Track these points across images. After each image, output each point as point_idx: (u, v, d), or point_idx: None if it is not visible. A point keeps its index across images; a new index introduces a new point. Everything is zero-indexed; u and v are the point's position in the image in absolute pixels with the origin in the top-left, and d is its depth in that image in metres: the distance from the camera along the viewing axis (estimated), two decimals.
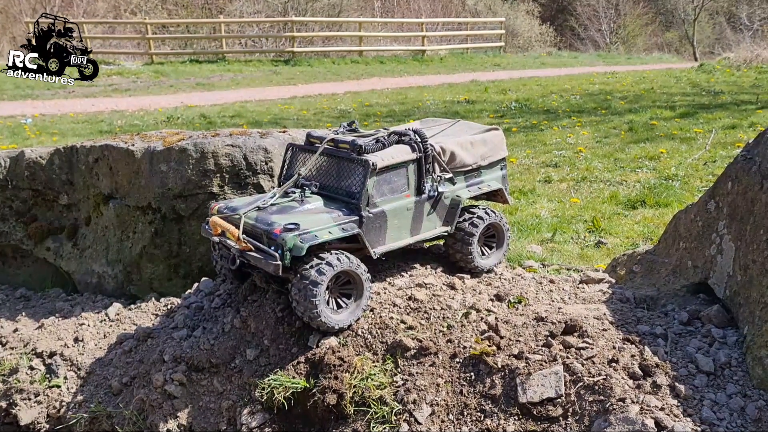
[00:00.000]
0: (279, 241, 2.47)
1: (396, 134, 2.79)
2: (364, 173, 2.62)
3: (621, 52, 27.27)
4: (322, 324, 2.54)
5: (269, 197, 2.71)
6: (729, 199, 2.53)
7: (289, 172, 2.90)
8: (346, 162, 2.71)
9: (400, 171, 2.73)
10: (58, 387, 2.98)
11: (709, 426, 2.05)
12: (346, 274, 2.56)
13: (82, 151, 3.62)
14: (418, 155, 2.75)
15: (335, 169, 2.75)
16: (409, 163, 2.74)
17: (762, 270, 2.22)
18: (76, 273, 3.71)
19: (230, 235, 2.58)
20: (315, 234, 2.51)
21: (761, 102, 10.97)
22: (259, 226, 2.56)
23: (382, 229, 2.70)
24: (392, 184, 2.72)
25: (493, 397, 2.32)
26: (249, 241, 2.55)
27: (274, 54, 21.54)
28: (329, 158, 2.78)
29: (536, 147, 8.87)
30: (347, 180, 2.69)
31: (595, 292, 2.91)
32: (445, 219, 2.89)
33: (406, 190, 2.76)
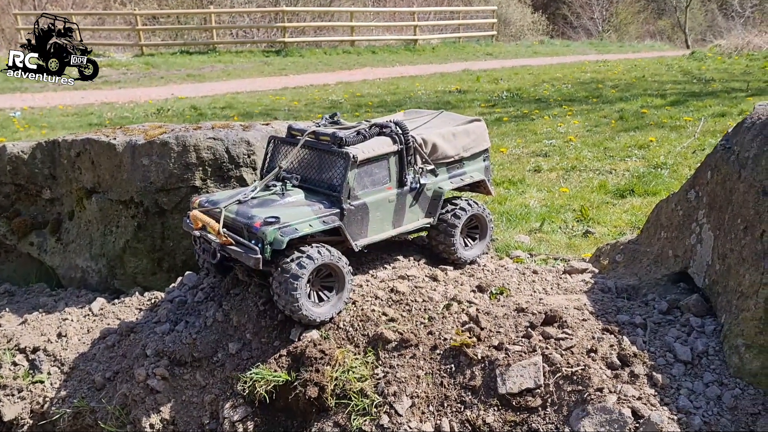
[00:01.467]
0: (259, 235, 2.46)
1: (377, 126, 2.77)
2: (345, 165, 2.61)
3: (613, 40, 27.24)
4: (303, 317, 2.54)
5: (250, 191, 2.70)
6: (708, 189, 2.53)
7: (271, 164, 2.89)
8: (327, 154, 2.70)
9: (382, 163, 2.72)
10: (42, 382, 2.97)
11: (685, 414, 2.06)
12: (327, 267, 2.55)
13: (64, 145, 3.60)
14: (399, 147, 2.74)
15: (316, 162, 2.74)
16: (391, 155, 2.74)
17: (739, 259, 2.23)
18: (60, 268, 3.70)
19: (210, 229, 2.57)
20: (295, 227, 2.50)
21: (751, 89, 10.98)
22: (240, 220, 2.55)
23: (363, 221, 2.69)
24: (374, 176, 2.71)
25: (473, 389, 2.33)
26: (229, 235, 2.54)
27: (266, 44, 21.43)
28: (310, 151, 2.77)
29: (527, 136, 8.86)
30: (328, 172, 2.68)
31: (578, 282, 2.92)
32: (428, 211, 2.89)
33: (388, 183, 2.75)
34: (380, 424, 2.32)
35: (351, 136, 2.68)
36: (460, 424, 2.27)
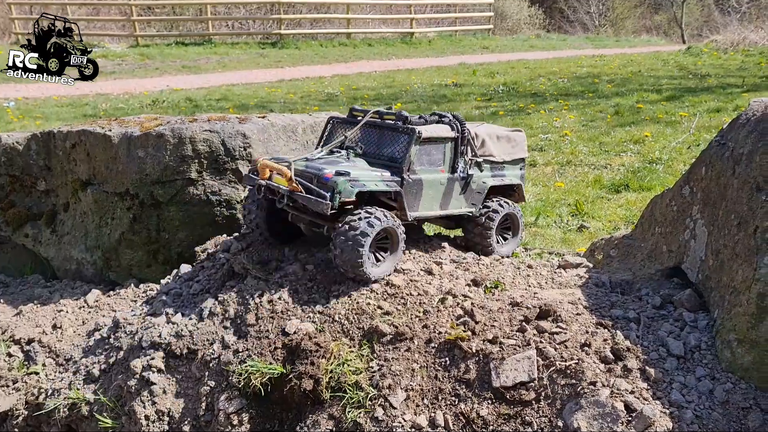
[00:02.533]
0: (330, 184, 2.59)
1: (437, 114, 3.00)
2: (409, 141, 2.79)
3: (610, 35, 27.23)
4: (362, 274, 2.67)
5: (316, 153, 2.88)
6: (703, 185, 2.55)
7: (327, 142, 3.04)
8: (390, 131, 2.89)
9: (439, 146, 2.91)
10: (37, 374, 2.98)
11: (677, 408, 2.08)
12: (385, 231, 2.68)
13: (59, 137, 3.59)
14: (455, 135, 2.94)
15: (377, 138, 2.93)
16: (448, 140, 2.92)
17: (732, 254, 2.24)
18: (55, 259, 3.70)
19: (283, 175, 2.69)
20: (364, 183, 2.66)
21: (747, 85, 11.01)
22: (310, 171, 2.69)
23: (417, 196, 2.86)
24: (431, 156, 2.89)
25: (467, 382, 2.34)
26: (300, 182, 2.66)
27: (261, 36, 21.33)
28: (372, 129, 2.95)
29: (523, 130, 8.82)
30: (390, 147, 2.86)
31: (572, 277, 2.93)
32: (472, 201, 3.07)
33: (442, 166, 2.93)
34: (375, 417, 2.33)
35: (414, 118, 2.89)
36: (454, 416, 2.28)
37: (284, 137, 3.49)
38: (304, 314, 2.70)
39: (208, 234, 3.31)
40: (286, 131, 3.50)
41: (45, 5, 20.63)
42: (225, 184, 3.26)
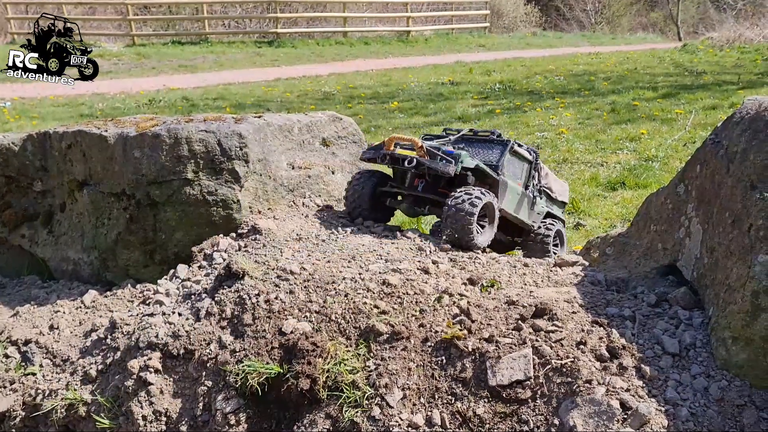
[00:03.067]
0: (454, 155, 3.10)
1: (517, 143, 3.48)
2: (503, 150, 3.32)
3: (606, 33, 27.26)
4: (470, 241, 3.09)
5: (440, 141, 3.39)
6: (697, 183, 2.56)
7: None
8: (485, 143, 3.39)
9: (521, 163, 3.46)
10: (34, 375, 2.97)
11: (672, 406, 2.09)
12: (485, 207, 3.13)
13: (55, 137, 3.59)
14: (532, 159, 3.51)
15: (475, 148, 3.39)
16: (526, 161, 3.49)
17: (727, 252, 2.25)
18: (52, 260, 3.70)
19: (413, 144, 3.17)
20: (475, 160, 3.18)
21: (743, 82, 11.03)
22: (433, 147, 3.16)
23: (503, 193, 3.33)
24: (515, 168, 3.42)
25: (463, 381, 2.35)
26: (428, 150, 3.13)
27: (258, 35, 21.31)
28: (468, 142, 3.43)
29: (519, 129, 8.88)
30: (486, 154, 3.36)
31: (568, 275, 2.94)
32: (533, 219, 3.64)
33: (520, 180, 3.47)
34: (372, 416, 2.34)
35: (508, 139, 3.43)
36: (450, 415, 2.29)
37: (280, 137, 3.49)
38: (301, 314, 2.70)
39: (205, 234, 3.32)
40: (282, 131, 3.50)
41: (41, 5, 20.58)
42: (221, 184, 3.26)
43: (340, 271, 2.90)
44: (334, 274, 2.86)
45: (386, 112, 10.31)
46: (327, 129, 3.71)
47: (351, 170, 3.82)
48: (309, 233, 3.32)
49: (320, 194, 3.64)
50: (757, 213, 2.11)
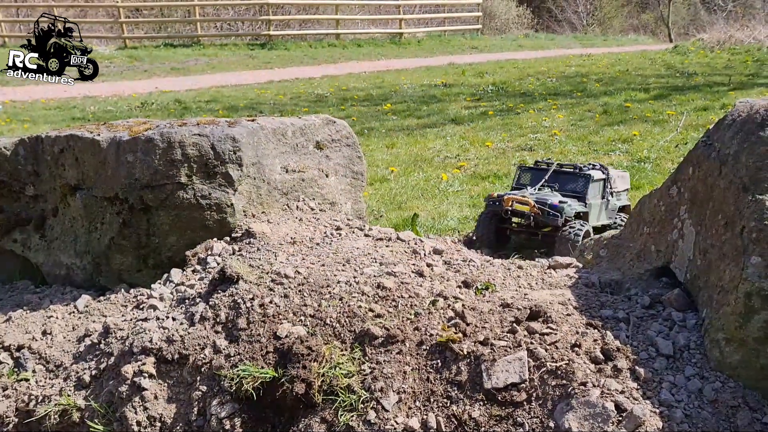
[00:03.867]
0: (558, 209, 4.24)
1: (591, 164, 4.65)
2: (586, 182, 4.46)
3: (597, 34, 27.38)
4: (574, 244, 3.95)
5: (530, 191, 4.50)
6: (690, 185, 2.57)
7: (519, 182, 4.71)
8: (570, 176, 4.55)
9: (598, 184, 4.53)
10: (27, 380, 2.96)
11: (667, 408, 2.10)
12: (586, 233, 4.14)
13: (47, 141, 3.57)
14: (604, 177, 4.57)
15: (562, 180, 4.56)
16: (601, 180, 4.55)
17: (720, 254, 2.26)
18: (45, 265, 3.68)
19: (527, 204, 4.29)
20: (574, 208, 4.31)
21: (733, 83, 11.09)
22: (540, 201, 4.30)
23: (590, 215, 4.43)
24: (594, 191, 4.50)
25: (459, 384, 2.35)
26: (540, 208, 4.27)
27: (250, 37, 21.28)
28: (556, 174, 4.60)
29: (512, 130, 8.90)
30: (573, 185, 4.52)
31: (562, 277, 2.95)
32: (609, 216, 4.66)
33: (598, 196, 4.55)
34: (367, 420, 2.34)
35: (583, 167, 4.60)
36: (446, 418, 2.29)
37: (274, 140, 3.49)
38: (296, 318, 2.70)
39: (199, 238, 3.31)
40: (276, 134, 3.50)
41: (32, 7, 20.49)
42: (215, 188, 3.25)
43: (335, 274, 2.89)
44: (329, 278, 2.85)
45: (379, 114, 10.32)
46: (320, 132, 3.70)
47: (345, 173, 3.82)
48: (303, 237, 3.31)
49: (314, 198, 3.64)
50: (750, 215, 2.13)
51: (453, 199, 5.77)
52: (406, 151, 7.92)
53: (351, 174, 3.87)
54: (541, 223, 4.29)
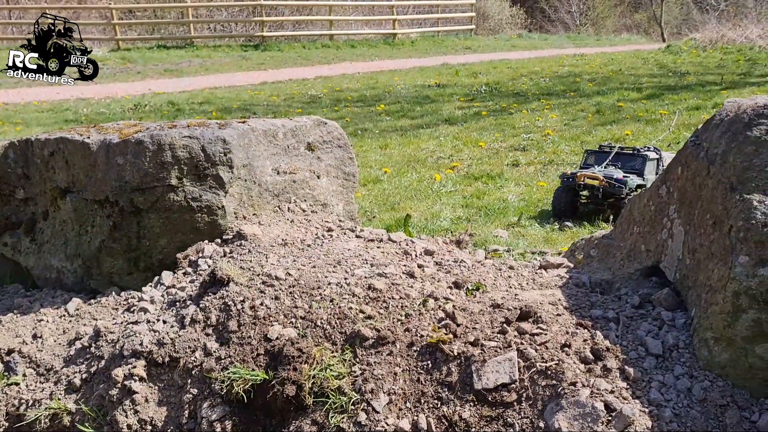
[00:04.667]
0: (623, 181, 5.00)
1: (647, 147, 5.44)
2: (643, 160, 5.25)
3: (590, 34, 27.45)
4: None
5: (597, 169, 5.23)
6: (679, 185, 2.58)
7: (586, 162, 5.46)
8: (630, 156, 5.36)
9: (653, 162, 5.27)
10: (17, 385, 2.94)
11: (656, 407, 2.10)
12: None
13: (37, 144, 3.55)
14: (658, 157, 5.29)
15: (623, 160, 5.34)
16: (656, 160, 5.28)
17: (708, 253, 2.27)
18: (35, 268, 3.66)
19: (596, 179, 5.04)
20: (634, 181, 5.05)
21: (726, 83, 11.13)
22: (609, 176, 5.06)
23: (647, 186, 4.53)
24: (650, 168, 5.22)
25: (449, 385, 2.35)
26: (607, 181, 5.01)
27: (244, 39, 21.25)
28: (617, 155, 5.37)
29: (505, 130, 8.91)
30: (632, 163, 5.30)
31: (553, 277, 2.95)
32: None
33: (654, 172, 5.20)
34: (358, 422, 2.34)
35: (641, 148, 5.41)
36: (436, 419, 2.29)
37: (265, 142, 3.48)
38: (287, 320, 2.70)
39: (190, 241, 3.30)
40: (266, 136, 3.49)
41: (24, 9, 20.42)
42: (206, 190, 3.25)
43: (326, 276, 2.89)
44: (320, 280, 2.85)
45: (373, 114, 10.31)
46: (312, 133, 3.70)
47: (336, 174, 3.82)
48: (294, 238, 3.31)
49: (306, 199, 3.63)
50: (737, 214, 2.13)
51: (446, 199, 5.78)
52: (400, 151, 7.92)
53: (343, 175, 3.87)
54: (609, 193, 5.03)
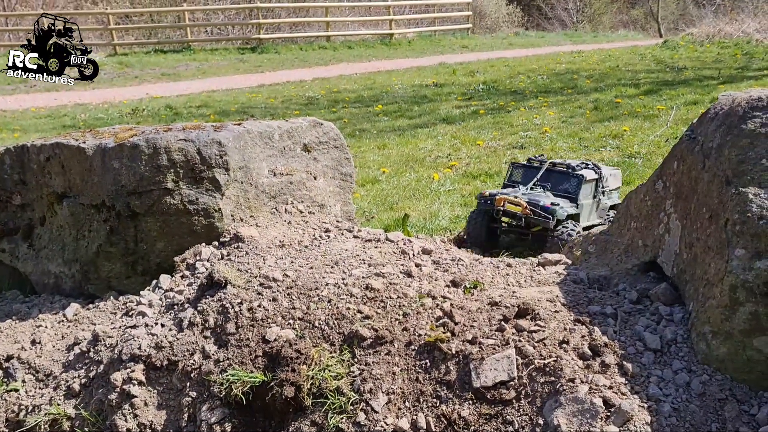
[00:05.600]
0: (550, 210, 4.22)
1: (583, 162, 4.65)
2: (579, 182, 4.44)
3: (587, 31, 27.45)
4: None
5: (522, 191, 4.47)
6: (675, 179, 2.57)
7: (510, 179, 4.74)
8: (563, 175, 4.51)
9: (590, 185, 4.50)
10: (17, 391, 2.94)
11: (655, 402, 2.10)
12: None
13: (33, 150, 3.55)
14: (597, 177, 4.53)
15: (555, 179, 4.53)
16: (593, 180, 4.51)
17: (705, 247, 2.27)
18: (33, 274, 3.66)
19: (516, 206, 4.27)
20: (565, 210, 4.28)
21: (723, 77, 11.12)
22: (533, 202, 4.28)
23: (581, 215, 4.41)
24: (586, 191, 4.46)
25: (448, 383, 2.35)
26: (531, 209, 4.24)
27: (241, 42, 21.25)
28: (548, 173, 4.56)
29: (503, 129, 8.90)
30: (565, 185, 4.48)
31: (551, 274, 2.95)
32: (600, 215, 4.62)
33: (590, 196, 4.52)
34: (357, 422, 2.33)
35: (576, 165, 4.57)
36: (435, 418, 2.29)
37: (261, 143, 3.48)
38: (284, 321, 2.69)
39: (187, 244, 3.30)
40: (262, 137, 3.49)
41: (21, 16, 20.43)
42: (202, 193, 3.24)
43: (323, 276, 2.89)
44: (317, 280, 2.85)
45: (371, 115, 10.31)
46: (308, 134, 3.70)
47: (333, 175, 3.82)
48: (292, 240, 3.31)
49: (303, 200, 3.63)
50: (733, 208, 2.13)
51: (444, 198, 5.77)
52: (398, 151, 7.92)
53: (340, 176, 3.86)
54: (533, 222, 4.28)
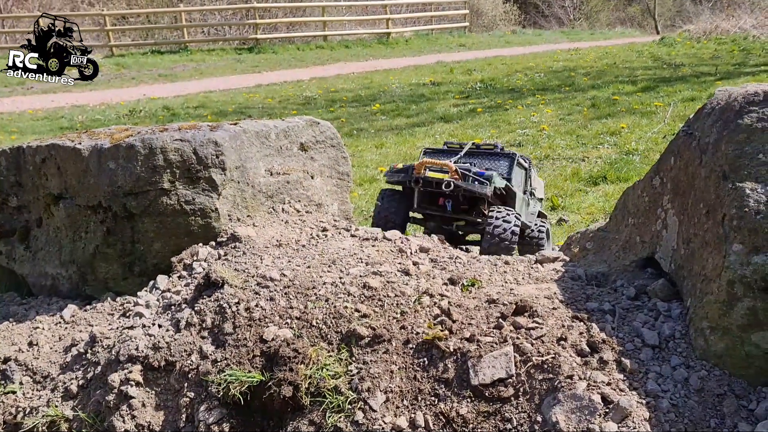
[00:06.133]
0: (486, 176, 3.32)
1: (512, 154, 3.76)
2: (511, 162, 3.59)
3: (584, 28, 27.45)
4: (509, 249, 3.31)
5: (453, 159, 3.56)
6: (672, 175, 2.57)
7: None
8: (491, 156, 3.64)
9: (521, 172, 3.70)
10: (14, 393, 2.93)
11: (653, 398, 2.09)
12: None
13: (29, 152, 3.54)
14: (527, 165, 3.75)
15: (479, 163, 3.62)
16: (524, 169, 3.73)
17: (702, 243, 2.26)
18: (30, 276, 3.65)
19: (448, 168, 3.34)
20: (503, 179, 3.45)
21: (720, 73, 11.12)
22: (463, 168, 3.38)
23: (513, 200, 3.54)
24: (517, 178, 3.65)
25: (446, 381, 2.34)
26: (461, 172, 3.33)
27: (238, 42, 21.22)
28: (473, 157, 3.65)
29: (501, 127, 8.90)
30: (495, 167, 3.58)
31: (549, 271, 2.95)
32: (529, 219, 3.83)
33: (521, 186, 3.70)
34: (355, 420, 2.33)
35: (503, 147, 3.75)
36: (434, 416, 2.28)
37: (257, 143, 3.47)
38: (282, 321, 2.69)
39: (184, 244, 3.29)
40: (259, 137, 3.48)
41: (17, 18, 20.39)
42: (199, 193, 3.24)
43: (321, 276, 2.88)
44: (315, 280, 2.84)
45: (368, 114, 10.30)
46: (304, 134, 3.69)
47: (330, 174, 3.81)
48: (289, 239, 3.30)
49: (300, 199, 3.62)
50: (730, 203, 2.12)
51: None
52: (396, 150, 7.91)
53: (337, 175, 3.86)
54: (466, 195, 3.38)
